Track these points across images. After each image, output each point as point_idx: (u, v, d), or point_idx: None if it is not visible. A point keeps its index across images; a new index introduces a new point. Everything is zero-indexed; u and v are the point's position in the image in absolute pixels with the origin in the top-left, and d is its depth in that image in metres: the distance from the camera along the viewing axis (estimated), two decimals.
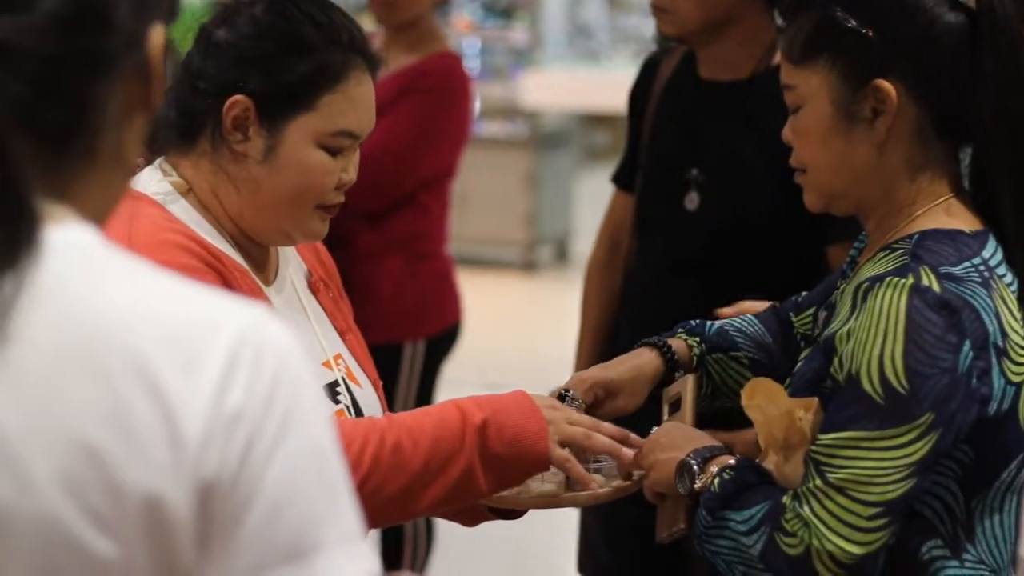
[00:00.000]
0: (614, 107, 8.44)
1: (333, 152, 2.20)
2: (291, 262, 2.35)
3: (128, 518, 1.15)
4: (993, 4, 2.05)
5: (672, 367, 2.42)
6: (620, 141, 3.72)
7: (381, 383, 2.40)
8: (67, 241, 1.19)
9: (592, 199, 8.46)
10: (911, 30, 2.06)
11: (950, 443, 1.99)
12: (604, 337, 3.54)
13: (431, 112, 4.51)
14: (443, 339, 4.63)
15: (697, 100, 3.30)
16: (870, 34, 2.05)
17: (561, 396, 2.37)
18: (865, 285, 2.01)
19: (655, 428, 2.28)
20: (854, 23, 2.06)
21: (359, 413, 2.28)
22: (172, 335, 1.17)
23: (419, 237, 4.57)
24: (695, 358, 2.44)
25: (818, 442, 2.01)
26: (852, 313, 2.02)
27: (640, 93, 3.48)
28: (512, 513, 2.39)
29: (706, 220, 3.21)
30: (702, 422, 2.37)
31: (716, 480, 2.10)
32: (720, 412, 2.47)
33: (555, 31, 11.71)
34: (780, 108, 2.68)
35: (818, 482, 1.99)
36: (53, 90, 1.19)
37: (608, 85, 10.31)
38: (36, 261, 1.16)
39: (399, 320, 4.50)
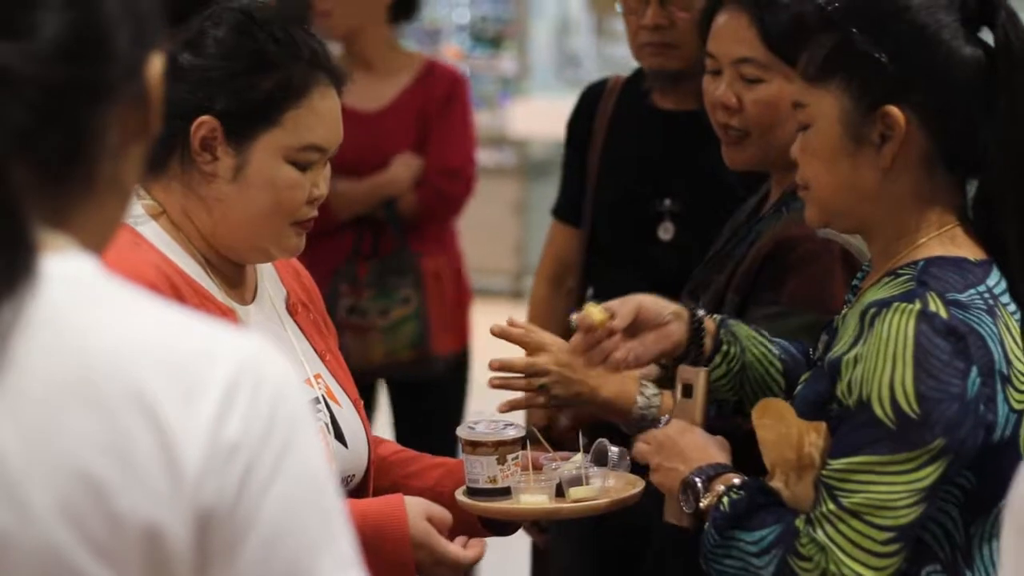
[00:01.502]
0: None
1: (302, 167, 2.22)
2: (269, 283, 2.36)
3: (127, 547, 1.16)
4: (1011, 42, 2.06)
5: (693, 311, 2.40)
6: None
7: (362, 402, 2.41)
8: (65, 270, 1.19)
9: None
10: (927, 61, 2.07)
11: (957, 469, 2.00)
12: None
13: (466, 118, 4.84)
14: None
15: (664, 131, 3.31)
16: (885, 60, 2.06)
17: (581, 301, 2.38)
18: (872, 311, 2.01)
19: (664, 419, 2.28)
20: (871, 47, 2.07)
21: (338, 430, 2.31)
22: (171, 365, 1.18)
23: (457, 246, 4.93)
24: (716, 323, 2.41)
25: (830, 467, 2.01)
26: (858, 337, 2.02)
27: (582, 126, 3.47)
28: (508, 527, 2.40)
29: (684, 248, 3.22)
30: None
31: (725, 499, 2.11)
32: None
33: (543, 60, 11.71)
34: None
35: (832, 506, 2.00)
36: (53, 117, 1.19)
37: None
38: (34, 290, 1.16)
39: (467, 326, 4.85)
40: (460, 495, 2.34)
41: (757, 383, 2.40)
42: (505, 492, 2.32)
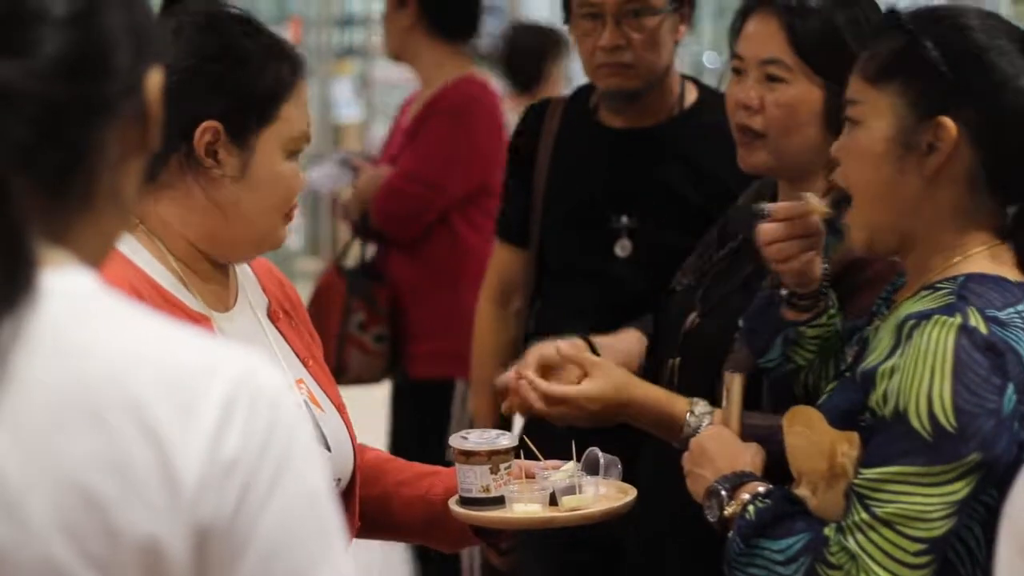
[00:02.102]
0: None
1: (294, 157, 2.27)
2: (251, 291, 2.38)
3: (125, 561, 1.17)
4: None
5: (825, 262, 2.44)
6: None
7: (346, 407, 2.42)
8: (65, 285, 1.20)
9: None
10: (984, 80, 2.08)
11: (984, 486, 2.00)
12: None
13: (451, 132, 4.68)
14: None
15: (616, 149, 3.34)
16: (946, 70, 2.08)
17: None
18: (911, 322, 2.02)
19: (706, 425, 2.29)
20: (936, 56, 2.08)
21: (321, 434, 2.31)
22: (168, 381, 1.19)
23: (459, 267, 4.67)
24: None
25: (862, 476, 2.02)
26: (894, 348, 2.02)
27: (527, 146, 3.47)
28: (500, 536, 2.41)
29: (642, 264, 3.25)
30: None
31: (751, 508, 2.12)
32: None
33: None
34: (708, 145, 2.70)
35: (864, 515, 2.00)
36: (53, 134, 1.20)
37: None
38: (34, 305, 1.17)
39: (450, 355, 4.53)
40: (453, 504, 2.35)
41: (824, 357, 2.42)
42: (499, 501, 2.32)
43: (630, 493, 2.37)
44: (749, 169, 2.72)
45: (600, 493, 2.35)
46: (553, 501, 2.33)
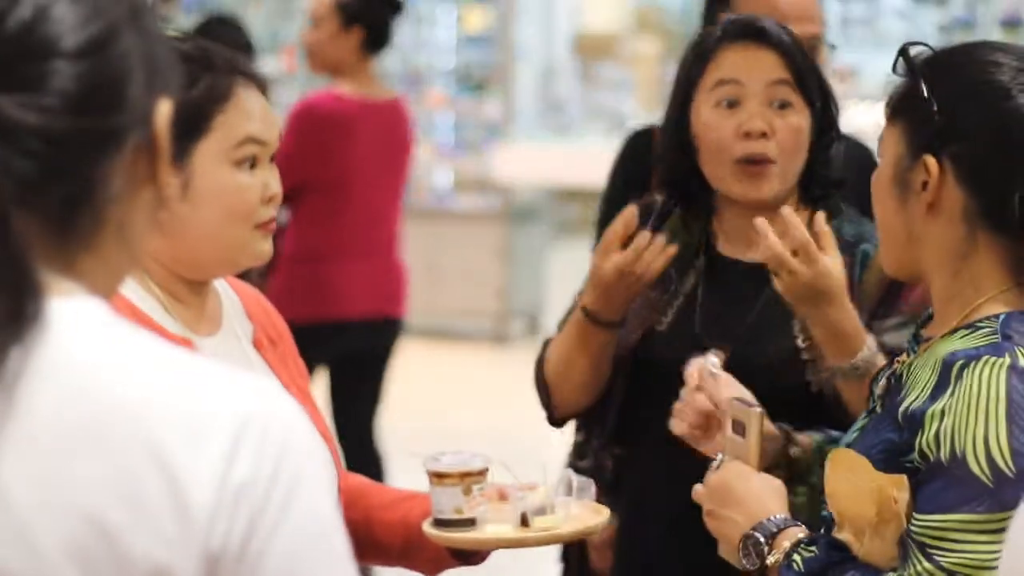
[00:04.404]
0: (586, 181, 8.57)
1: (250, 166, 2.24)
2: (235, 318, 2.38)
3: None
4: None
5: (787, 445, 2.52)
6: (592, 215, 3.76)
7: (332, 437, 2.43)
8: (73, 314, 1.21)
9: (564, 273, 8.55)
10: (975, 120, 2.07)
11: None
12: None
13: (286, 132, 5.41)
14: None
15: None
16: (935, 110, 2.07)
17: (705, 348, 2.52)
18: (960, 362, 1.99)
19: (718, 458, 2.25)
20: (926, 96, 2.08)
21: None
22: (179, 409, 1.19)
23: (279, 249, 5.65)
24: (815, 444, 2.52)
25: (920, 522, 1.97)
26: (939, 388, 2.00)
27: (639, 170, 3.47)
28: (475, 556, 2.43)
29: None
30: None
31: (796, 557, 2.07)
32: None
33: (528, 105, 11.77)
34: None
35: (927, 565, 1.95)
36: (57, 168, 1.19)
37: (580, 160, 10.40)
38: (42, 335, 1.17)
39: None
40: (427, 526, 2.37)
41: None
42: (471, 523, 2.34)
43: (603, 513, 2.39)
44: (760, 201, 2.68)
45: (573, 513, 2.37)
46: (526, 522, 2.35)
